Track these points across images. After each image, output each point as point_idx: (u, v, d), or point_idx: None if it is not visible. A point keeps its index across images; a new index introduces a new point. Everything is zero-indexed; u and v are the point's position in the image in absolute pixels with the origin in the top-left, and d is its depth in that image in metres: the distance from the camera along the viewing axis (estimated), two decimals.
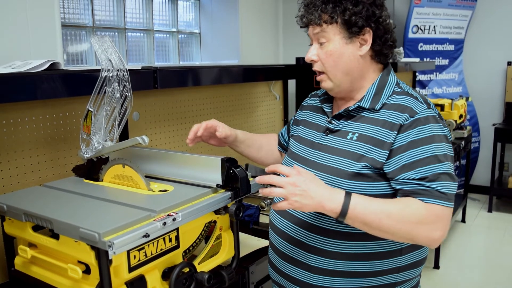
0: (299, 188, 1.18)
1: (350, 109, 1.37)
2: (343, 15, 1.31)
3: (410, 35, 5.31)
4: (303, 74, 2.97)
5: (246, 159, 2.68)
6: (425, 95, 5.04)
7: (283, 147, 1.74)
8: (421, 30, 5.34)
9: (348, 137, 1.34)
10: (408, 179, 1.24)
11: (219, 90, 2.59)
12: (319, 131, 1.45)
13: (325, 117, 1.46)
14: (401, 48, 4.07)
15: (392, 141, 1.27)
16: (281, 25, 4.95)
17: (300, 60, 2.98)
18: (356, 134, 1.33)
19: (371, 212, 1.19)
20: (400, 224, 1.19)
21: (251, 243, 1.88)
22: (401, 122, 1.27)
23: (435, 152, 1.24)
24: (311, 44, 1.41)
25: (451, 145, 1.29)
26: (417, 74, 5.15)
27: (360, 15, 1.31)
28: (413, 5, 5.19)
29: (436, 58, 5.46)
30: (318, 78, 1.41)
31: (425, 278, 3.60)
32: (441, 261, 3.80)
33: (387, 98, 1.35)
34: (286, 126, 1.74)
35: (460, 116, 4.24)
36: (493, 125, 5.01)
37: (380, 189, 1.29)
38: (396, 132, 1.27)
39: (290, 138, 1.60)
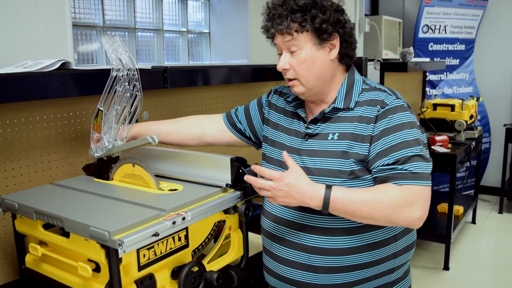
0: (282, 191, 1.26)
1: (326, 111, 1.42)
2: (313, 22, 1.35)
3: (421, 34, 5.28)
4: None
5: (255, 159, 2.67)
6: (435, 95, 5.02)
7: (237, 129, 1.70)
8: (432, 29, 5.31)
9: (329, 138, 1.39)
10: (383, 165, 1.30)
11: (228, 89, 2.59)
12: (298, 137, 1.47)
13: (301, 122, 1.49)
14: (411, 48, 4.06)
15: (371, 133, 1.34)
16: None
17: None
18: (337, 134, 1.38)
19: (351, 202, 1.26)
20: (379, 210, 1.26)
21: (260, 242, 1.88)
22: (375, 114, 1.35)
23: (406, 138, 1.31)
24: (280, 53, 1.43)
25: (420, 130, 1.36)
26: (427, 74, 5.13)
27: (329, 22, 1.36)
28: (423, 4, 5.16)
29: (447, 58, 5.42)
30: (290, 83, 1.44)
31: (434, 279, 3.58)
32: (451, 262, 3.77)
33: (358, 96, 1.41)
34: (243, 114, 1.70)
35: (471, 117, 4.20)
36: (504, 125, 4.97)
37: (367, 183, 1.35)
38: (373, 124, 1.34)
39: (264, 142, 1.60)
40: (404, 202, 1.26)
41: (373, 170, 1.33)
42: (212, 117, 1.77)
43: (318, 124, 1.44)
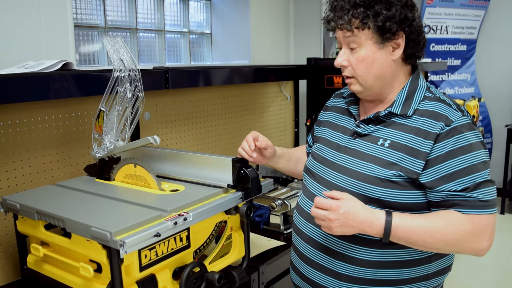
0: (338, 221, 1.19)
1: (381, 114, 1.32)
2: (375, 20, 1.25)
3: None
4: (314, 75, 2.96)
5: None
6: None
7: None
8: (433, 30, 5.31)
9: (379, 143, 1.30)
10: (449, 191, 1.21)
11: (230, 90, 2.59)
12: (345, 134, 1.39)
13: (352, 119, 1.41)
14: None
15: (428, 151, 1.22)
16: (292, 25, 4.94)
17: (311, 61, 2.97)
18: (388, 141, 1.28)
19: (414, 232, 1.19)
20: (444, 241, 1.19)
21: (261, 243, 1.88)
22: (437, 131, 1.23)
23: (474, 161, 1.21)
24: (340, 48, 1.34)
25: (487, 150, 1.26)
26: (429, 74, 5.12)
27: (394, 19, 1.25)
28: (425, 5, 5.16)
29: (448, 58, 5.42)
30: (347, 81, 1.35)
31: None
32: (453, 262, 3.77)
33: (419, 104, 1.30)
34: (310, 136, 1.67)
35: (473, 117, 4.20)
36: (506, 126, 4.96)
37: (412, 198, 1.26)
38: (432, 142, 1.22)
39: (314, 141, 1.55)
40: (471, 234, 1.18)
41: (435, 193, 1.23)
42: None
43: (370, 125, 1.34)
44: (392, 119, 1.31)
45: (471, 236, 1.19)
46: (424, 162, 1.23)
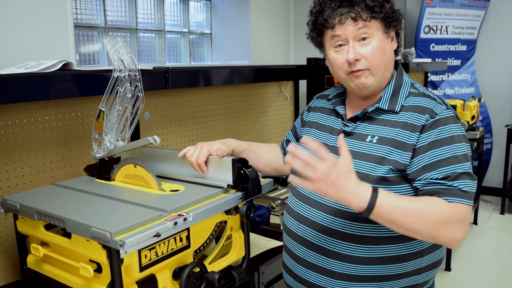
0: (329, 180, 1.12)
1: (369, 111, 1.35)
2: (384, 8, 1.32)
3: (422, 35, 5.27)
4: (314, 75, 2.96)
5: None
6: None
7: None
8: (433, 30, 5.31)
9: (367, 140, 1.32)
10: (430, 179, 1.23)
11: (230, 90, 2.59)
12: (333, 134, 1.41)
13: (339, 119, 1.43)
14: (413, 49, 4.05)
15: (415, 142, 1.26)
16: (292, 26, 4.94)
17: (311, 61, 2.97)
18: (376, 137, 1.31)
19: (397, 210, 1.17)
20: (424, 223, 1.18)
21: (261, 243, 1.88)
22: (422, 123, 1.27)
23: (455, 153, 1.24)
24: (340, 45, 1.35)
25: (469, 144, 1.29)
26: (429, 74, 5.12)
27: (395, 10, 1.35)
28: (425, 5, 5.16)
29: (448, 58, 5.42)
30: (358, 73, 1.33)
31: (436, 280, 3.57)
32: (453, 263, 3.77)
33: (405, 100, 1.34)
34: (290, 133, 1.69)
35: (473, 117, 4.20)
36: (506, 126, 4.96)
37: (403, 193, 1.28)
38: (418, 133, 1.26)
39: (299, 142, 1.57)
40: (451, 220, 1.19)
41: (418, 182, 1.25)
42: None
43: (357, 123, 1.37)
44: (380, 116, 1.35)
45: (450, 222, 1.19)
46: (411, 154, 1.26)
